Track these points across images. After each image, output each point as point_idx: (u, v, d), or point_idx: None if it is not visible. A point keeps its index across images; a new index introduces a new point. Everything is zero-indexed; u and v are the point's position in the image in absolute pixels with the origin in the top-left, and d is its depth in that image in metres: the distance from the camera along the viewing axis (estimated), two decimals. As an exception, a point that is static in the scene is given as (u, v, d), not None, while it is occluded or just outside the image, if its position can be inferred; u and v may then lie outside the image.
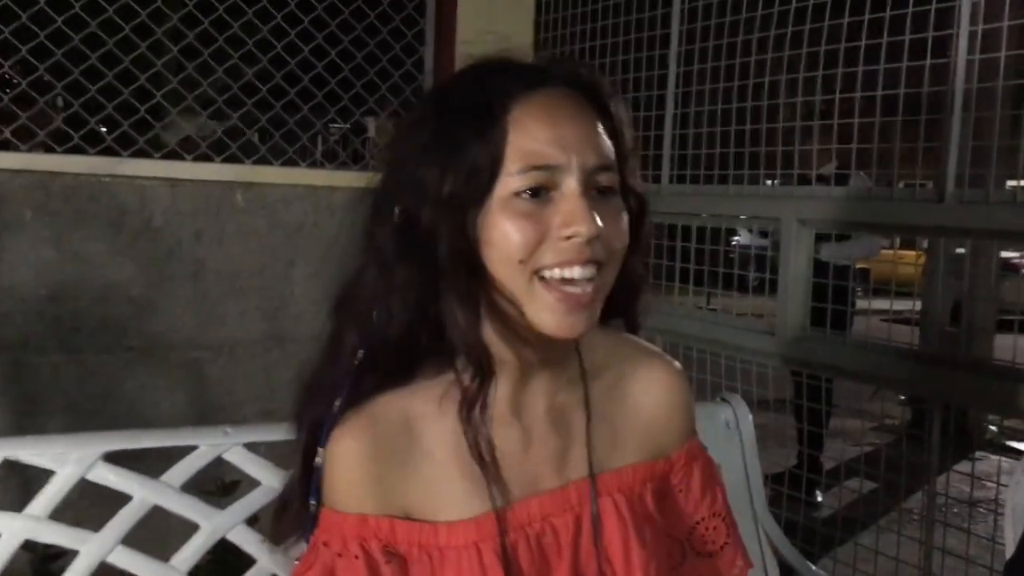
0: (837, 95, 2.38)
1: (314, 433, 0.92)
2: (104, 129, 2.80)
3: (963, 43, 2.10)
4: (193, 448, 1.35)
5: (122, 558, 1.29)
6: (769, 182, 2.70)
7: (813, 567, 1.71)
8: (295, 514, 0.94)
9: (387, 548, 0.88)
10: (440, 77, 3.06)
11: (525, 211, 0.85)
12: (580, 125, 0.88)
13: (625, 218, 0.90)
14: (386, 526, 0.88)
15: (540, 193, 0.85)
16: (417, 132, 0.90)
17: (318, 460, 0.90)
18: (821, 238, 2.69)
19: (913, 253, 3.59)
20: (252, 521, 1.37)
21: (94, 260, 2.68)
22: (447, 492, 0.89)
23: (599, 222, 0.85)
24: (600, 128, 0.90)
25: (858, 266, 3.66)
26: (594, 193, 0.87)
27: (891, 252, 4.12)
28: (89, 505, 1.27)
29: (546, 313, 0.86)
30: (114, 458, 1.30)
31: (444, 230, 0.86)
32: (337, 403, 0.91)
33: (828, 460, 3.94)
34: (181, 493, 1.33)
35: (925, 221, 2.22)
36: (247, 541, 1.36)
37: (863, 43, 2.29)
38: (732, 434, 1.72)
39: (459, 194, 0.85)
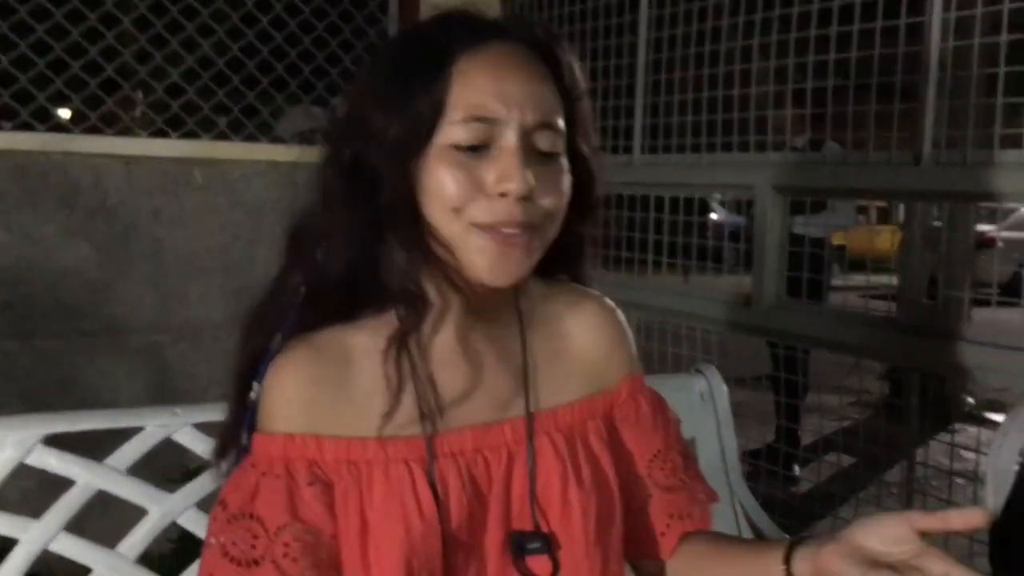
0: (811, 57, 2.32)
1: (251, 364, 0.93)
2: (68, 113, 2.71)
3: (937, 2, 2.05)
4: (141, 429, 1.29)
5: (66, 546, 1.23)
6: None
7: (790, 539, 1.67)
8: (232, 449, 0.95)
9: (312, 469, 0.88)
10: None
11: (461, 161, 0.87)
12: (525, 81, 0.88)
13: (566, 181, 0.91)
14: (312, 443, 0.89)
15: (478, 149, 0.87)
16: (372, 78, 0.92)
17: (252, 395, 0.92)
18: (795, 211, 2.65)
19: (889, 227, 3.58)
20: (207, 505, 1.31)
21: (47, 241, 2.59)
22: (380, 416, 0.90)
23: (532, 180, 0.86)
24: (548, 87, 0.90)
25: (835, 243, 3.63)
26: (534, 155, 0.88)
27: (867, 227, 4.10)
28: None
29: (479, 257, 0.88)
30: (62, 443, 1.24)
31: (387, 174, 0.88)
32: (278, 338, 0.92)
33: (807, 435, 3.93)
34: (127, 476, 1.26)
35: (901, 185, 2.17)
36: (200, 525, 1.29)
37: (836, 2, 2.24)
38: (706, 405, 1.68)
39: (401, 139, 0.87)
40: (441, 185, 0.86)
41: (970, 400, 3.80)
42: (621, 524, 0.99)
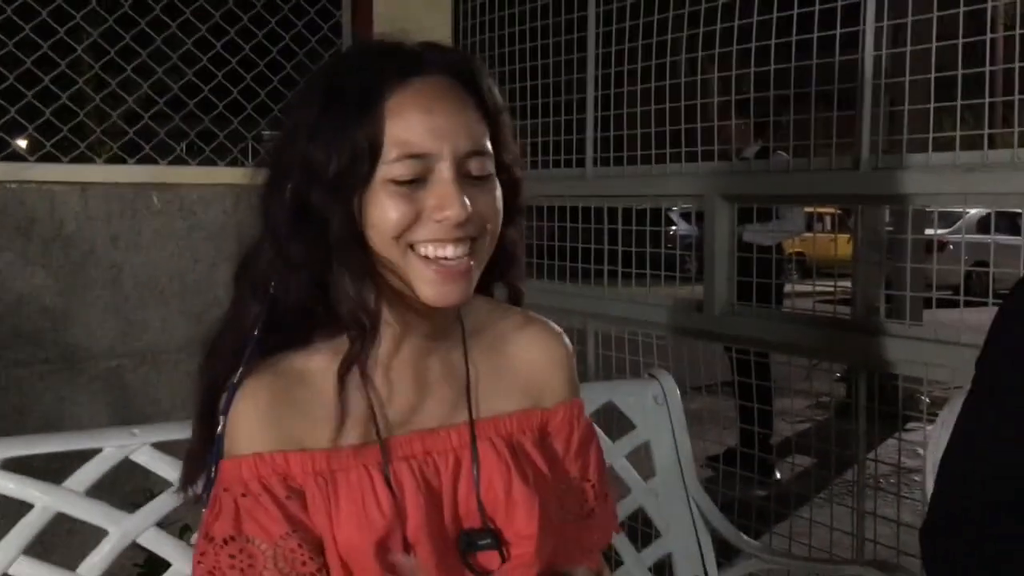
0: (752, 69, 2.39)
1: (212, 395, 0.98)
2: (25, 143, 2.70)
3: (871, 12, 2.13)
4: (100, 451, 1.30)
5: (25, 569, 1.23)
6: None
7: (744, 537, 1.71)
8: (200, 470, 1.00)
9: (287, 483, 0.94)
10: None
11: (401, 193, 0.92)
12: (453, 113, 0.94)
13: (498, 197, 0.98)
14: (280, 459, 0.94)
15: (416, 182, 0.92)
16: (305, 110, 0.96)
17: (219, 430, 0.96)
18: (745, 220, 2.71)
19: (846, 236, 3.65)
20: (170, 525, 1.33)
21: (3, 271, 2.57)
22: (337, 428, 0.96)
23: (469, 206, 0.92)
24: (473, 114, 0.96)
25: (793, 250, 3.70)
26: (468, 179, 0.94)
27: (820, 234, 4.18)
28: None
29: (424, 285, 0.93)
30: (26, 471, 1.25)
31: (333, 211, 0.92)
32: (239, 372, 0.96)
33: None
34: (86, 498, 1.27)
35: (842, 190, 2.24)
36: (161, 544, 1.30)
37: (775, 16, 2.31)
38: (661, 409, 1.72)
39: (343, 176, 0.92)
40: (384, 216, 0.92)
41: (925, 399, 3.87)
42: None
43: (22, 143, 2.85)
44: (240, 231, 2.85)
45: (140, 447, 1.31)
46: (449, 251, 0.93)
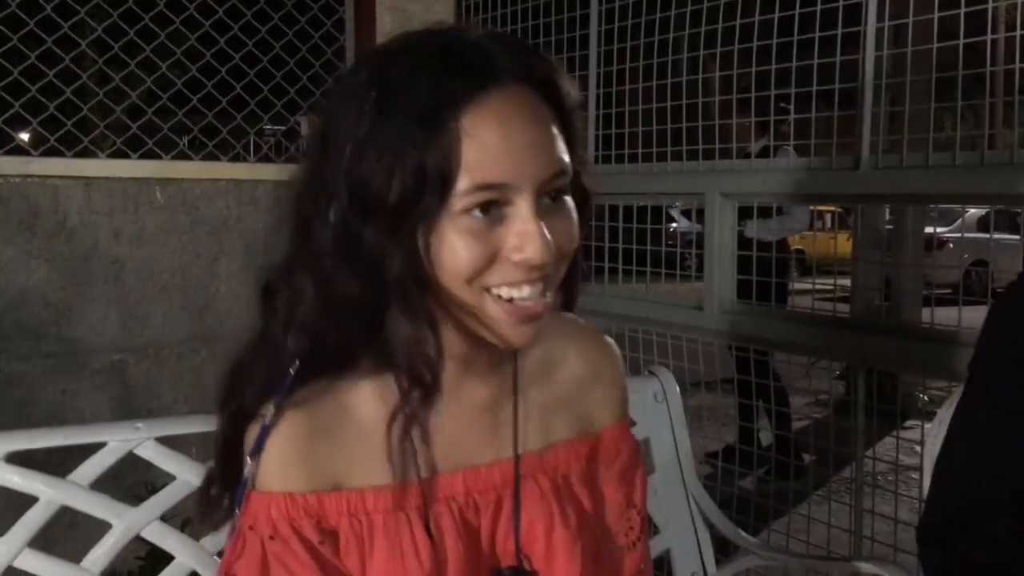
0: (753, 68, 2.40)
1: (237, 433, 0.90)
2: (27, 136, 2.71)
3: (872, 12, 2.13)
4: (103, 445, 1.31)
5: (30, 562, 1.24)
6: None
7: (743, 533, 1.72)
8: (219, 509, 0.93)
9: (319, 526, 0.86)
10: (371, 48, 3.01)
11: (475, 229, 0.81)
12: (535, 133, 0.82)
13: (575, 219, 0.87)
14: (314, 501, 0.87)
15: (491, 210, 0.81)
16: (353, 116, 0.82)
17: (247, 471, 0.87)
18: (747, 216, 2.71)
19: (846, 235, 3.66)
20: (173, 518, 1.34)
21: (6, 265, 2.59)
22: (377, 463, 0.88)
23: (550, 241, 0.82)
24: (555, 130, 0.85)
25: (794, 247, 3.70)
26: (547, 201, 0.84)
27: (825, 233, 4.18)
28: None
29: (497, 326, 0.84)
30: (28, 465, 1.26)
31: (392, 249, 0.81)
32: (272, 412, 0.87)
33: (765, 434, 4.00)
34: (90, 491, 1.28)
35: (842, 189, 2.25)
36: (164, 537, 1.32)
37: (776, 15, 2.32)
38: (660, 407, 1.73)
39: (406, 207, 0.80)
40: (454, 255, 0.81)
41: (924, 397, 3.88)
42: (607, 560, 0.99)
43: (25, 137, 2.86)
44: (241, 226, 2.87)
45: (144, 441, 1.32)
46: (526, 291, 0.83)
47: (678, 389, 1.75)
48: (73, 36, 2.72)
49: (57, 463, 1.28)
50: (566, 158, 0.85)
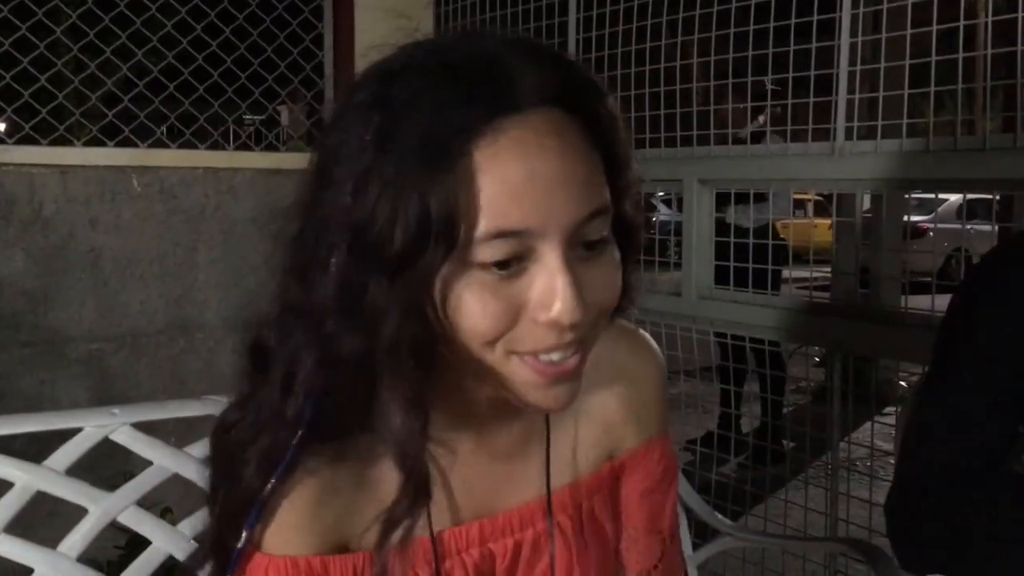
0: (731, 55, 2.41)
1: (239, 517, 0.78)
2: (2, 126, 2.69)
3: (847, 4, 2.15)
4: (79, 431, 1.31)
5: (6, 547, 1.24)
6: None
7: (719, 516, 1.74)
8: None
9: None
10: (346, 68, 3.00)
11: (493, 286, 0.69)
12: (564, 168, 0.68)
13: (617, 269, 0.75)
14: (318, 564, 0.78)
15: (511, 263, 0.69)
16: (355, 147, 0.69)
17: (241, 543, 0.77)
18: (736, 202, 2.73)
19: (827, 221, 3.68)
20: (152, 507, 1.34)
21: (-18, 253, 2.58)
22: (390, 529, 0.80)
23: (583, 300, 0.69)
24: (590, 161, 0.71)
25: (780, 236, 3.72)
26: (579, 249, 0.71)
27: (803, 221, 4.19)
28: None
29: (527, 389, 0.73)
30: (2, 451, 1.25)
31: (392, 305, 0.69)
32: (271, 485, 0.76)
33: (746, 421, 4.03)
34: (66, 477, 1.28)
35: (818, 175, 2.27)
36: (141, 523, 1.32)
37: (753, 1, 2.33)
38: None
39: (411, 258, 0.67)
40: (470, 316, 0.69)
41: (903, 384, 3.93)
42: None
43: (0, 126, 2.84)
44: (219, 214, 2.85)
45: (120, 427, 1.32)
46: (556, 356, 0.72)
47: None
48: (48, 23, 2.69)
49: (36, 453, 1.28)
50: (606, 194, 0.72)
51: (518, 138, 0.68)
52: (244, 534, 0.77)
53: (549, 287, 0.69)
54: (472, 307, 0.69)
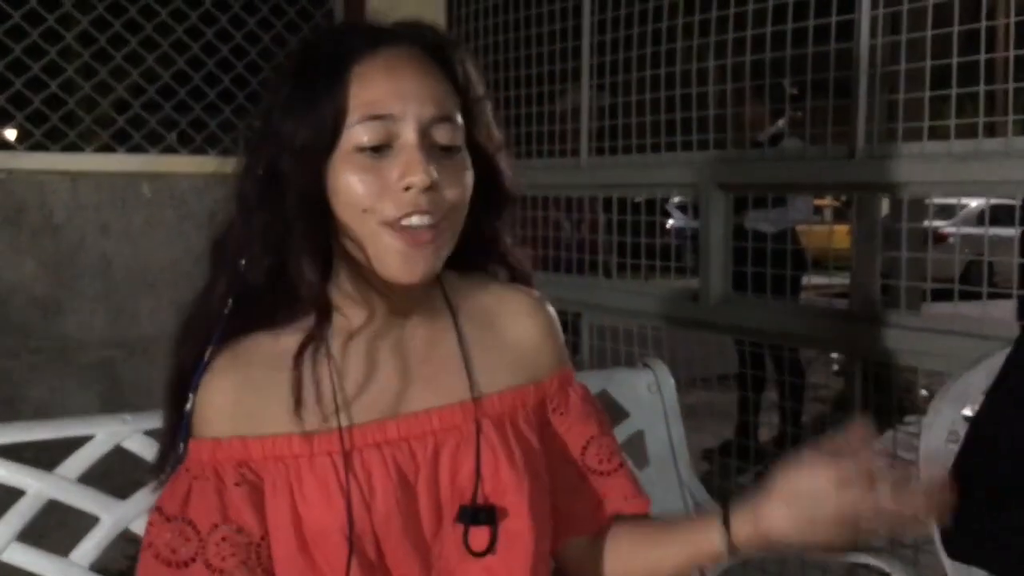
0: (747, 57, 2.38)
1: (182, 375, 0.97)
2: (15, 133, 2.68)
3: (865, 5, 2.12)
4: (91, 438, 1.29)
5: (18, 556, 1.22)
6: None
7: (722, 508, 1.70)
8: (171, 458, 0.98)
9: (240, 470, 0.93)
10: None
11: (366, 164, 0.90)
12: (419, 78, 0.92)
13: (468, 175, 0.95)
14: (238, 444, 0.93)
15: (381, 149, 0.90)
16: (278, 89, 0.95)
17: (188, 407, 0.95)
18: (750, 206, 2.70)
19: (845, 228, 3.64)
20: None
21: (-7, 260, 2.56)
22: (296, 411, 0.93)
23: (434, 173, 0.89)
24: (442, 82, 0.94)
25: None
26: (436, 150, 0.92)
27: (823, 226, 4.16)
28: None
29: (388, 256, 0.91)
30: (17, 459, 1.24)
31: (295, 179, 0.91)
32: (208, 350, 0.95)
33: (765, 430, 3.99)
34: (78, 485, 1.26)
35: (837, 178, 2.24)
36: (154, 532, 1.29)
37: (770, 4, 2.30)
38: (654, 398, 1.71)
39: (308, 144, 0.90)
40: (349, 187, 0.90)
41: (924, 392, 3.89)
42: (550, 505, 1.01)
43: (11, 132, 2.83)
44: (212, 214, 2.84)
45: (131, 434, 1.30)
46: (414, 220, 0.90)
47: (672, 380, 1.73)
48: (58, 29, 2.69)
49: (48, 460, 1.26)
50: (455, 111, 0.94)
51: (387, 57, 0.93)
52: (189, 397, 0.95)
53: (407, 160, 0.90)
54: (351, 179, 0.90)
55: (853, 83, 2.16)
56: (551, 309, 1.10)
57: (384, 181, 0.90)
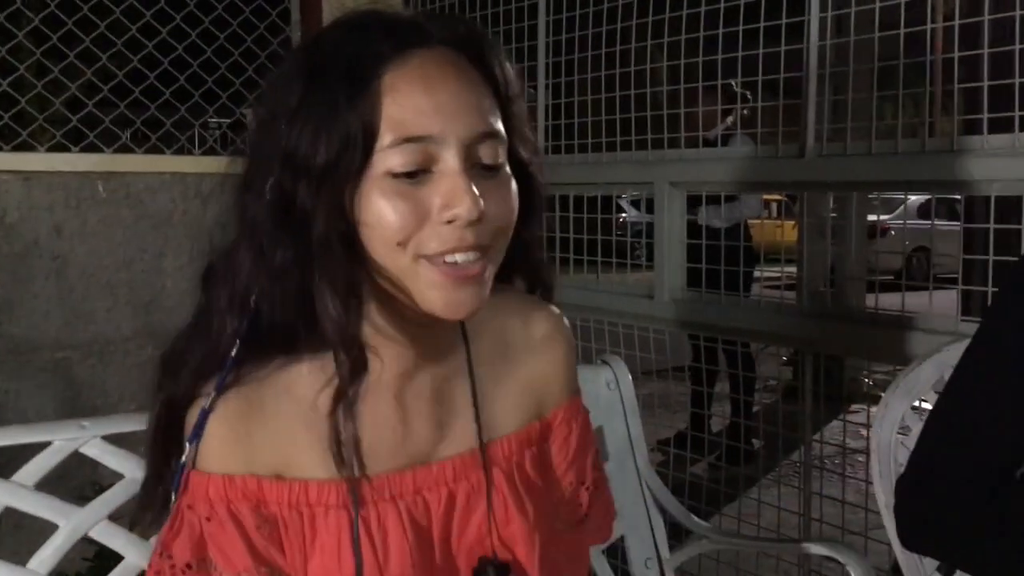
0: (700, 58, 2.42)
1: (172, 416, 0.88)
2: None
3: (815, 2, 2.16)
4: (48, 444, 1.28)
5: (-28, 565, 1.22)
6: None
7: (695, 518, 1.74)
8: (156, 499, 0.90)
9: (257, 510, 0.85)
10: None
11: (401, 190, 0.79)
12: (460, 90, 0.81)
13: (513, 192, 0.85)
14: (253, 485, 0.85)
15: (417, 173, 0.79)
16: (285, 92, 0.82)
17: (187, 455, 0.86)
18: (705, 202, 2.74)
19: (792, 223, 3.71)
20: (121, 518, 1.31)
21: (-57, 262, 2.52)
22: (321, 453, 0.85)
23: (482, 203, 0.79)
24: (483, 92, 0.83)
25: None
26: (478, 169, 0.81)
27: (771, 222, 4.22)
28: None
29: (432, 291, 0.81)
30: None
31: (317, 208, 0.79)
32: (212, 397, 0.85)
33: (717, 421, 4.05)
34: (34, 492, 1.25)
35: (788, 177, 2.28)
36: (113, 537, 1.29)
37: (722, 5, 2.34)
38: (613, 395, 1.74)
39: (332, 167, 0.79)
40: (381, 218, 0.79)
41: (868, 381, 3.97)
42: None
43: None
44: (187, 219, 2.82)
45: (90, 440, 1.29)
46: (459, 257, 0.80)
47: (630, 377, 1.76)
48: (9, 27, 2.64)
49: (2, 465, 1.25)
50: (498, 124, 0.83)
51: (421, 65, 0.81)
52: (186, 446, 0.85)
53: (450, 189, 0.79)
54: (383, 209, 0.79)
55: (803, 84, 2.20)
56: (569, 331, 1.03)
57: (423, 210, 0.79)
